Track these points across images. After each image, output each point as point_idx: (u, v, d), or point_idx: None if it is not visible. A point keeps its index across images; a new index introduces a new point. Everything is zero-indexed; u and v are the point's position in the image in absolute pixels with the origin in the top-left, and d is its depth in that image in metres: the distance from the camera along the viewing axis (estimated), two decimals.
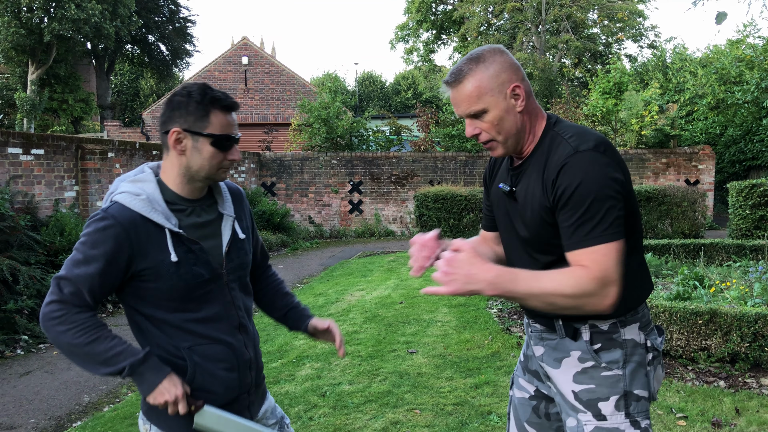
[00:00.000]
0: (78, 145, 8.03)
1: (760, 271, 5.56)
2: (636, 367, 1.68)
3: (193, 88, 1.66)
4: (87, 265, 1.57)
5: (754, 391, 4.05)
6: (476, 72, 1.65)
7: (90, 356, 1.55)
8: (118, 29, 24.03)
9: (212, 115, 1.64)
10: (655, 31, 30.32)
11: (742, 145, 16.20)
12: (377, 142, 16.26)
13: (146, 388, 1.58)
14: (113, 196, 1.67)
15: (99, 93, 29.01)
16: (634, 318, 1.70)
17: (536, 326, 1.81)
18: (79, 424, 4.03)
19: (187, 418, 1.67)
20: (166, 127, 1.67)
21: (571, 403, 1.71)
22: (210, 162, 1.66)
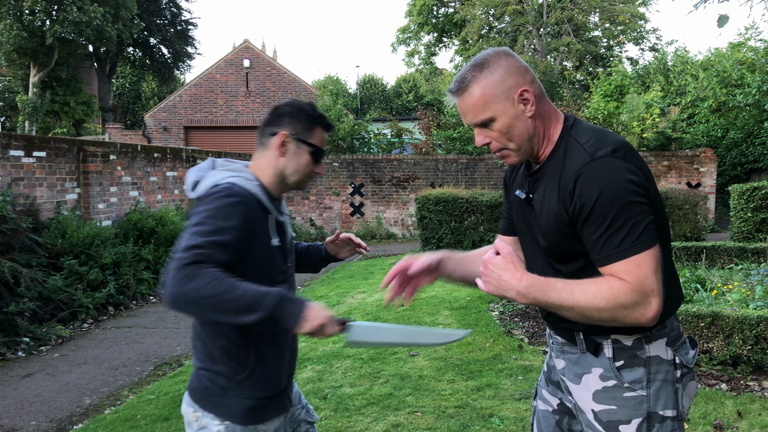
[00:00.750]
0: (80, 148, 8.04)
1: (762, 273, 5.55)
2: (661, 386, 1.58)
3: (304, 103, 1.85)
4: (217, 235, 1.59)
5: (756, 394, 4.04)
6: (480, 79, 1.57)
7: (231, 301, 1.50)
8: (120, 32, 24.09)
9: (317, 129, 1.84)
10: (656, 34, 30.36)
11: (743, 148, 16.19)
12: (378, 144, 16.27)
13: (294, 320, 1.56)
14: (225, 179, 1.73)
15: (101, 95, 29.07)
16: (660, 333, 1.59)
17: (557, 338, 1.73)
18: (80, 427, 4.03)
19: (246, 403, 1.72)
20: (273, 130, 1.82)
21: (591, 422, 1.63)
22: (304, 169, 1.84)
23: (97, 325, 6.72)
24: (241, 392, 1.74)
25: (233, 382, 1.74)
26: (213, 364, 1.75)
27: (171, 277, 1.51)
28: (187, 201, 10.83)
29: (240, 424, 1.74)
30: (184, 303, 1.51)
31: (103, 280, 7.14)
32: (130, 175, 9.13)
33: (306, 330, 1.57)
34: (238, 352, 1.73)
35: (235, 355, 1.73)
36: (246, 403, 1.73)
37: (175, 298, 1.50)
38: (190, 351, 5.72)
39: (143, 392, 4.63)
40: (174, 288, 1.50)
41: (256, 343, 1.74)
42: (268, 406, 1.79)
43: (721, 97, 16.52)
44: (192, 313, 1.55)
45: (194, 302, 1.50)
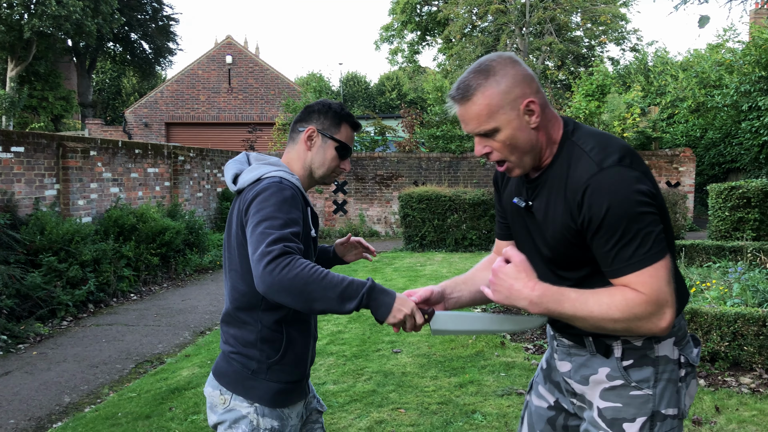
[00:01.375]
0: (59, 143, 7.93)
1: (739, 271, 5.64)
2: (666, 385, 1.58)
3: (332, 102, 1.95)
4: (291, 227, 1.66)
5: (734, 390, 4.11)
6: (486, 87, 1.51)
7: (328, 289, 1.54)
8: (100, 27, 23.78)
9: (343, 126, 1.93)
10: (637, 35, 30.68)
11: (721, 148, 16.43)
12: (362, 142, 16.26)
13: (384, 310, 1.59)
14: (270, 173, 1.79)
15: (80, 91, 28.68)
16: (669, 333, 1.59)
17: (563, 341, 1.71)
18: (60, 425, 3.98)
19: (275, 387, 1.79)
20: (302, 125, 1.93)
21: (595, 420, 1.62)
22: (330, 163, 1.92)
23: (76, 322, 6.64)
24: (272, 376, 1.80)
25: (264, 365, 1.80)
26: (246, 349, 1.81)
27: (265, 269, 1.55)
28: (168, 198, 10.74)
29: (269, 406, 1.80)
30: (283, 291, 1.54)
31: (82, 277, 7.05)
32: (111, 171, 9.02)
33: (397, 320, 1.60)
34: (273, 337, 1.80)
35: (269, 340, 1.80)
36: (275, 387, 1.80)
37: (273, 287, 1.54)
38: (171, 349, 5.68)
39: (124, 390, 4.59)
40: (271, 278, 1.54)
41: (288, 329, 1.82)
42: (293, 390, 1.86)
43: (699, 98, 16.73)
44: (287, 300, 1.56)
45: (293, 291, 1.54)
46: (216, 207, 12.86)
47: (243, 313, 1.81)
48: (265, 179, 1.78)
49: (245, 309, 1.81)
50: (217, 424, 1.84)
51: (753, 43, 13.25)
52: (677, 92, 18.49)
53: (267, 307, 1.78)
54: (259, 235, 1.62)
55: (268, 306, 1.78)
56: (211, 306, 7.37)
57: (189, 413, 4.02)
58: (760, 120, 13.23)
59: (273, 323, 1.79)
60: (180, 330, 6.32)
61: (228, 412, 1.80)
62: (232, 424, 1.79)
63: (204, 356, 5.29)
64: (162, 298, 7.88)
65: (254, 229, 1.65)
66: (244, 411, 1.79)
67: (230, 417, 1.80)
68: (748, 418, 3.67)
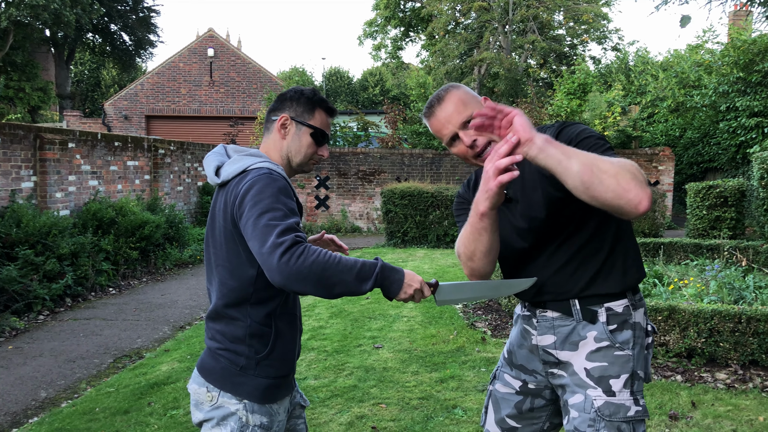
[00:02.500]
0: (36, 135, 7.80)
1: (716, 269, 5.72)
2: (640, 350, 1.80)
3: (305, 88, 1.93)
4: (294, 216, 1.67)
5: (710, 385, 4.17)
6: (453, 92, 1.84)
7: (345, 273, 1.58)
8: (79, 17, 23.40)
9: (317, 112, 1.91)
10: (618, 34, 30.94)
11: (699, 148, 16.65)
12: (344, 137, 16.21)
13: (396, 287, 1.66)
14: (256, 165, 1.77)
15: (58, 82, 28.23)
16: (641, 303, 1.84)
17: (546, 315, 1.87)
18: (36, 420, 3.93)
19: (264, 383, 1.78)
20: (275, 114, 1.91)
21: (582, 380, 1.79)
22: (305, 150, 1.90)
23: (53, 316, 6.55)
24: (260, 371, 1.79)
25: (253, 361, 1.78)
26: (234, 345, 1.78)
27: (281, 260, 1.55)
28: (148, 192, 10.62)
29: (258, 402, 1.78)
30: (302, 280, 1.55)
31: (60, 270, 6.95)
32: (90, 164, 8.90)
33: (408, 295, 1.66)
34: (262, 331, 1.78)
35: (258, 335, 1.78)
36: (264, 382, 1.79)
37: (291, 277, 1.54)
38: (150, 343, 5.62)
39: (102, 385, 4.53)
40: (288, 268, 1.54)
41: (277, 323, 1.81)
42: (281, 385, 1.85)
43: (679, 98, 16.94)
44: (307, 288, 1.56)
45: (312, 278, 1.55)
46: (196, 201, 12.75)
47: (232, 309, 1.78)
48: (252, 171, 1.75)
49: (234, 305, 1.78)
50: (203, 422, 1.81)
51: (732, 44, 13.43)
52: (657, 92, 18.69)
53: (256, 301, 1.77)
54: (264, 228, 1.60)
55: (257, 300, 1.77)
56: (191, 301, 7.31)
57: (168, 408, 3.99)
58: (737, 120, 13.43)
59: (262, 317, 1.78)
60: (159, 325, 6.26)
61: (215, 409, 1.77)
62: (220, 422, 1.77)
63: (184, 351, 5.25)
64: (141, 293, 7.80)
65: (256, 221, 1.62)
66: (233, 408, 1.77)
67: (218, 414, 1.77)
68: (724, 413, 3.73)
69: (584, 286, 1.79)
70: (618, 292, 1.79)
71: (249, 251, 1.73)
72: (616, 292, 1.78)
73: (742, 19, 17.58)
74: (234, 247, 1.75)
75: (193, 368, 4.74)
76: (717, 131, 15.01)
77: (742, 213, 10.16)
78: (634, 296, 1.81)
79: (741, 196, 10.09)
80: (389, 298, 1.68)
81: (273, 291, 1.77)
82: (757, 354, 4.36)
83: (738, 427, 3.55)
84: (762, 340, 4.32)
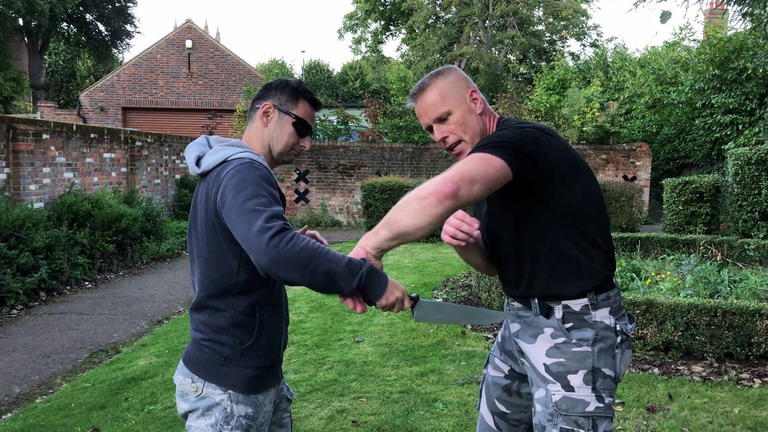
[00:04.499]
0: (9, 126, 7.63)
1: (691, 264, 5.80)
2: (604, 348, 1.79)
3: (290, 79, 1.92)
4: (277, 204, 1.65)
5: (686, 378, 4.23)
6: (437, 81, 1.86)
7: (332, 263, 1.54)
8: (53, 6, 22.95)
9: (301, 102, 1.90)
10: (597, 31, 31.18)
11: (676, 144, 16.86)
12: (324, 131, 16.13)
13: (379, 291, 1.62)
14: (236, 155, 1.75)
15: (32, 72, 27.67)
16: (605, 302, 1.82)
17: (514, 305, 1.94)
18: (10, 416, 3.85)
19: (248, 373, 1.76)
20: (259, 102, 1.90)
21: (542, 375, 1.82)
22: (286, 139, 1.88)
23: (27, 311, 6.43)
24: (245, 362, 1.77)
25: (237, 351, 1.77)
26: (218, 335, 1.77)
27: (269, 243, 1.52)
28: (125, 185, 10.47)
29: (243, 393, 1.77)
30: (289, 265, 1.52)
31: (34, 264, 6.82)
32: (65, 156, 8.74)
33: (388, 302, 1.63)
34: (246, 321, 1.77)
35: (242, 325, 1.77)
36: (248, 373, 1.78)
37: (278, 261, 1.51)
38: (127, 338, 5.54)
39: (78, 380, 4.46)
40: (276, 252, 1.51)
41: (261, 313, 1.79)
42: (267, 376, 1.83)
43: (656, 94, 17.13)
44: (294, 275, 1.53)
45: (299, 264, 1.52)
46: (174, 194, 12.60)
47: (215, 300, 1.77)
48: (234, 160, 1.74)
49: (217, 296, 1.77)
50: (189, 413, 1.80)
51: (708, 42, 13.61)
52: (635, 88, 18.88)
53: (239, 292, 1.76)
54: (251, 213, 1.58)
55: (240, 291, 1.76)
56: (168, 295, 7.23)
57: (146, 403, 3.93)
58: (713, 117, 13.62)
59: (246, 307, 1.76)
60: (136, 319, 6.18)
61: (200, 400, 1.77)
62: (204, 412, 1.76)
63: (161, 346, 5.18)
64: (118, 287, 7.69)
65: (242, 207, 1.60)
66: (218, 398, 1.76)
67: (203, 405, 1.77)
68: (700, 405, 3.78)
69: (542, 288, 1.82)
70: (573, 295, 1.80)
71: (231, 242, 1.71)
72: (572, 295, 1.79)
73: (718, 17, 17.82)
74: (215, 238, 1.74)
75: (171, 363, 4.69)
76: (693, 128, 15.22)
77: (717, 208, 10.32)
78: (597, 296, 1.80)
79: (716, 192, 10.25)
80: (370, 302, 1.64)
81: (256, 281, 1.76)
82: (732, 347, 4.43)
83: (714, 418, 3.60)
84: (737, 333, 4.39)
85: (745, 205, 9.46)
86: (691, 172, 15.93)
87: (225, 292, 1.76)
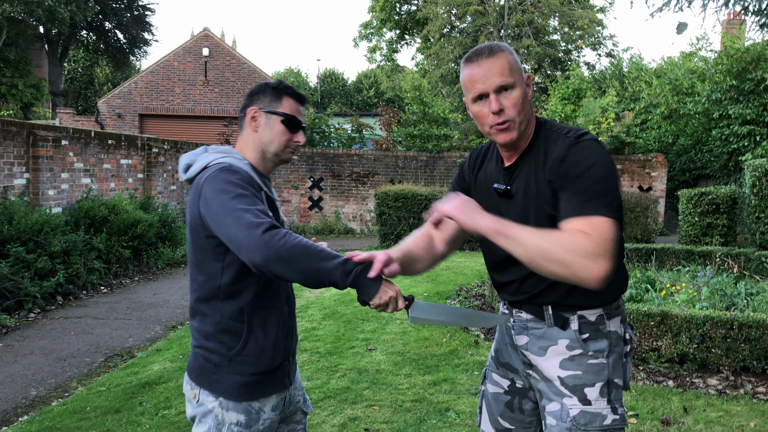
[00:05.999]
0: (30, 131, 7.75)
1: (707, 275, 5.75)
2: (617, 358, 1.77)
3: (270, 81, 1.94)
4: (260, 203, 1.66)
5: (701, 391, 4.19)
6: (508, 52, 1.74)
7: (325, 260, 1.56)
8: (73, 14, 23.29)
9: (284, 99, 1.89)
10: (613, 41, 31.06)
11: (692, 155, 16.73)
12: (339, 139, 16.20)
13: (372, 291, 1.62)
14: (217, 160, 1.78)
15: (51, 79, 28.08)
16: (617, 312, 1.80)
17: (521, 316, 1.87)
18: (26, 419, 3.89)
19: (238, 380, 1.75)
20: (244, 110, 1.89)
21: (557, 388, 1.77)
22: (279, 138, 1.87)
23: (44, 314, 6.50)
24: (234, 369, 1.76)
25: (226, 358, 1.76)
26: (207, 342, 1.78)
27: (262, 238, 1.53)
28: (141, 191, 10.58)
29: (233, 400, 1.76)
30: (283, 260, 1.53)
31: (51, 268, 6.91)
32: (83, 162, 8.85)
33: (382, 301, 1.62)
34: (233, 327, 1.76)
35: (228, 332, 1.76)
36: (238, 380, 1.76)
37: (271, 256, 1.52)
38: (142, 343, 5.59)
39: (93, 384, 4.50)
40: (268, 247, 1.52)
41: (249, 319, 1.77)
42: (262, 382, 1.80)
43: (672, 105, 17.01)
44: (287, 271, 1.54)
45: (293, 260, 1.53)
46: None
47: (203, 305, 1.79)
48: (213, 165, 1.78)
49: (205, 300, 1.78)
50: (193, 418, 1.83)
51: (725, 52, 13.52)
52: (651, 98, 18.77)
53: (226, 296, 1.75)
54: (237, 212, 1.59)
55: (227, 295, 1.75)
56: (183, 300, 7.28)
57: (160, 408, 3.96)
58: (730, 128, 13.51)
59: (234, 313, 1.75)
60: (151, 324, 6.23)
61: (199, 407, 1.79)
62: (201, 419, 1.78)
63: (175, 351, 5.22)
64: (133, 292, 7.76)
65: (227, 206, 1.61)
66: (210, 405, 1.77)
67: (200, 411, 1.79)
68: (715, 418, 3.74)
69: (560, 298, 1.76)
70: (592, 305, 1.76)
71: (215, 244, 1.72)
72: (591, 305, 1.76)
73: (736, 27, 17.71)
74: (198, 242, 1.76)
75: (184, 368, 4.72)
76: (709, 138, 15.09)
77: (733, 220, 10.21)
78: (610, 305, 1.78)
79: (733, 204, 10.15)
80: (363, 302, 1.64)
81: (243, 284, 1.75)
82: (748, 360, 4.38)
83: None
84: (753, 346, 4.34)
85: (763, 217, 9.36)
86: (708, 183, 15.79)
87: (212, 296, 1.76)
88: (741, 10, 8.34)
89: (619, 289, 1.80)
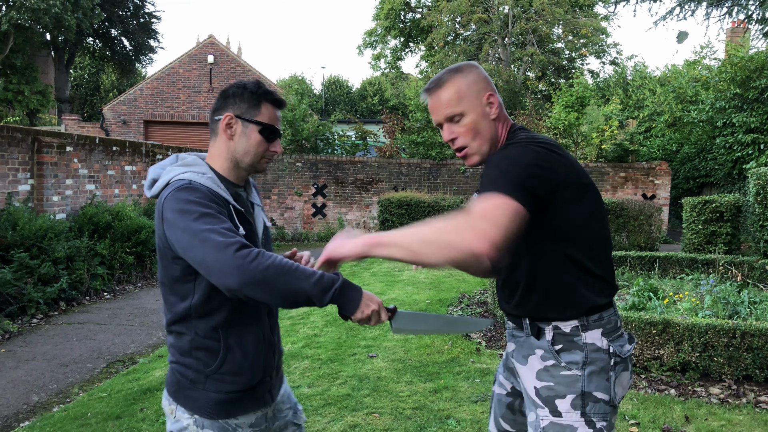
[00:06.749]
0: (35, 138, 7.80)
1: (710, 284, 5.74)
2: (596, 371, 1.72)
3: (248, 82, 1.79)
4: (225, 223, 1.57)
5: (703, 400, 4.17)
6: (456, 79, 1.76)
7: (302, 280, 1.49)
8: (80, 21, 23.45)
9: (263, 106, 1.76)
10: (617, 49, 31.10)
11: (696, 163, 16.71)
12: (343, 146, 16.23)
13: (353, 305, 1.57)
14: (178, 176, 1.69)
15: (57, 86, 28.25)
16: (597, 324, 1.74)
17: (509, 324, 1.92)
18: (27, 424, 3.90)
19: (213, 397, 1.70)
20: (218, 114, 1.77)
21: (532, 399, 1.78)
22: (256, 149, 1.76)
23: (47, 320, 6.52)
24: (210, 386, 1.71)
25: (202, 375, 1.71)
26: (183, 358, 1.73)
27: (234, 260, 1.46)
28: (144, 198, 10.61)
29: (208, 417, 1.72)
30: (258, 285, 1.47)
31: (55, 274, 6.93)
32: (87, 168, 8.90)
33: (364, 315, 1.58)
34: (209, 345, 1.70)
35: (204, 348, 1.70)
36: (214, 397, 1.71)
37: (246, 281, 1.46)
38: (144, 349, 5.60)
39: (94, 390, 4.51)
40: (241, 271, 1.46)
41: (226, 337, 1.71)
42: (240, 400, 1.75)
43: (676, 113, 17.01)
44: (262, 293, 1.48)
45: (268, 281, 1.47)
46: None
47: (177, 325, 1.72)
48: (173, 182, 1.68)
49: (178, 320, 1.72)
50: None
51: (729, 60, 13.52)
52: (655, 106, 18.77)
53: (199, 315, 1.69)
54: (203, 233, 1.51)
55: (200, 314, 1.69)
56: None
57: (160, 414, 3.97)
58: (734, 136, 13.49)
59: (208, 330, 1.69)
60: (153, 330, 6.24)
61: (175, 423, 1.75)
62: None
63: None
64: (136, 298, 7.78)
65: (189, 228, 1.54)
66: (185, 422, 1.73)
67: (176, 428, 1.75)
68: (717, 428, 3.72)
69: (534, 309, 1.77)
70: (563, 318, 1.74)
71: (183, 266, 1.64)
72: (561, 318, 1.74)
73: (740, 36, 17.71)
74: (165, 263, 1.70)
75: None
76: (713, 147, 15.07)
77: (737, 228, 10.18)
78: (588, 317, 1.73)
79: (737, 212, 10.11)
80: (345, 317, 1.59)
81: (215, 303, 1.68)
82: (751, 369, 4.36)
83: None
84: (756, 355, 4.32)
85: (767, 225, 9.32)
86: (712, 191, 15.75)
87: (185, 315, 1.70)
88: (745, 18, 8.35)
89: (596, 301, 1.73)
